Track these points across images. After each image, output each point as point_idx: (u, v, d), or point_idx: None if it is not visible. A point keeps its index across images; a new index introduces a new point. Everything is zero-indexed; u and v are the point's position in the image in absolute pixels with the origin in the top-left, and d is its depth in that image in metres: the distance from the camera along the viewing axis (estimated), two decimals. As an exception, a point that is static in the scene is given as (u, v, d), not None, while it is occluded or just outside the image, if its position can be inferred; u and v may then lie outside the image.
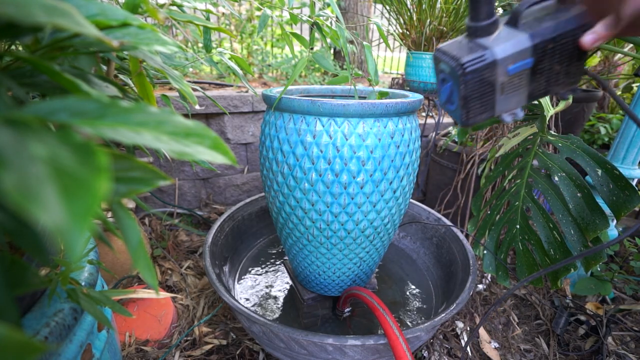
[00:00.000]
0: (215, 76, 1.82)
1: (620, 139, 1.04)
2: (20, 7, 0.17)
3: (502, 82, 0.40)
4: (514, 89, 0.41)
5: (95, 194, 0.13)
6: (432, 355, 0.94)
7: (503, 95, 0.41)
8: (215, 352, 0.92)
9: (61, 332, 0.42)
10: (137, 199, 0.30)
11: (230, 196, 1.62)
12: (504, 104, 0.42)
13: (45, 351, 0.35)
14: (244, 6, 2.13)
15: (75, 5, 0.24)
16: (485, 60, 0.38)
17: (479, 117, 0.42)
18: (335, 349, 0.68)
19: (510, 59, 0.38)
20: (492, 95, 0.40)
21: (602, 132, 1.84)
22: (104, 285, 0.63)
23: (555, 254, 0.77)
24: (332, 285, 0.89)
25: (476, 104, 0.41)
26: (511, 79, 0.40)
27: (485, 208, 0.97)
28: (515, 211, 0.86)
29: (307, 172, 0.68)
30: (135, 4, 0.38)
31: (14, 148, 0.14)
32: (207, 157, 0.20)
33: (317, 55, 0.74)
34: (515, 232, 0.85)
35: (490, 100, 0.41)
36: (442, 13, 1.43)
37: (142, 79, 0.43)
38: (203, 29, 0.68)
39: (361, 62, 2.51)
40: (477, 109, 0.41)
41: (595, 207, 0.71)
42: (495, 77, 0.39)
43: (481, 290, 1.19)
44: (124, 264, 1.06)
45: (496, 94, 0.40)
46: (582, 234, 0.73)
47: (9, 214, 0.23)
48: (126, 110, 0.19)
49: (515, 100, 0.42)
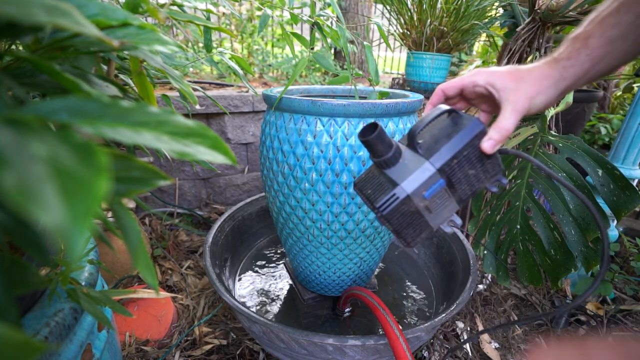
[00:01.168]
0: (216, 76, 1.82)
1: (620, 139, 1.04)
2: (20, 6, 0.17)
3: (424, 205, 0.41)
4: (440, 205, 0.42)
5: (95, 194, 0.13)
6: (432, 356, 0.94)
7: (432, 214, 0.42)
8: (216, 352, 0.92)
9: (61, 332, 0.42)
10: (137, 198, 0.30)
11: (231, 196, 1.62)
12: (436, 219, 0.43)
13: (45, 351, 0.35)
14: (245, 6, 2.13)
15: (76, 5, 0.24)
16: (399, 198, 0.40)
17: (419, 238, 0.44)
18: (336, 349, 0.68)
19: (422, 187, 0.40)
20: (420, 218, 0.42)
21: (602, 133, 1.84)
22: (104, 285, 0.63)
23: (556, 254, 0.77)
24: (333, 285, 0.89)
25: (409, 231, 0.43)
26: (432, 200, 0.41)
27: (485, 208, 0.97)
28: (515, 211, 0.86)
29: (308, 172, 0.68)
30: (135, 3, 0.38)
31: (14, 148, 0.14)
32: (208, 157, 0.20)
33: (317, 55, 0.73)
34: (515, 233, 0.85)
35: (422, 222, 0.42)
36: (442, 13, 1.43)
37: (142, 78, 0.42)
38: (203, 28, 0.68)
39: (362, 62, 2.51)
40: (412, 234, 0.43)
41: (595, 208, 0.71)
42: (415, 205, 0.40)
43: (481, 290, 1.19)
44: (124, 264, 1.06)
45: (424, 216, 0.42)
46: (583, 234, 0.73)
47: (9, 213, 0.23)
48: (126, 110, 0.19)
49: (447, 211, 0.43)
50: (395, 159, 0.41)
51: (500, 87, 0.42)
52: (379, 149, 0.41)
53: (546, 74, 0.41)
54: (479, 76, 0.44)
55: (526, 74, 0.42)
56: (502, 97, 0.42)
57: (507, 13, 1.39)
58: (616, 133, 1.82)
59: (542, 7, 1.09)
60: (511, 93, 0.41)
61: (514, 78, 0.42)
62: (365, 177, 0.45)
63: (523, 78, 0.41)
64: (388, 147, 0.41)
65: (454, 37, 1.45)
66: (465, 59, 3.07)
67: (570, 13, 1.08)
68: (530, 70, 0.42)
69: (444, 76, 1.46)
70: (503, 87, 0.42)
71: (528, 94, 0.41)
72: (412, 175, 0.39)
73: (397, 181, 0.40)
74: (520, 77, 0.42)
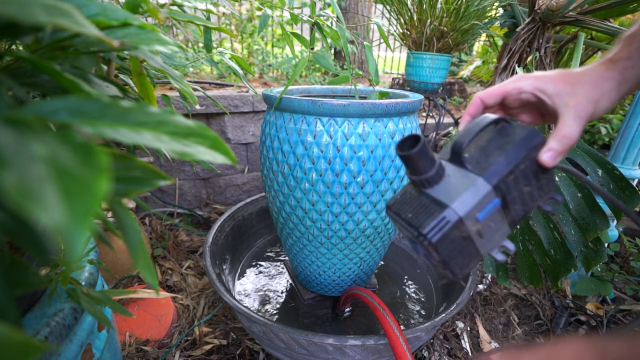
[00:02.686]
0: (216, 76, 1.82)
1: (620, 139, 1.04)
2: (21, 6, 0.17)
3: (476, 230, 0.36)
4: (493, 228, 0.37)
5: (95, 194, 0.13)
6: (432, 355, 0.94)
7: (483, 239, 0.37)
8: (216, 352, 0.92)
9: (61, 332, 0.42)
10: (137, 198, 0.30)
11: (231, 196, 1.62)
12: (487, 244, 0.38)
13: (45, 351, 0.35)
14: (245, 6, 2.13)
15: (76, 5, 0.24)
16: (449, 222, 0.34)
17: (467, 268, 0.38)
18: (336, 349, 0.68)
19: (475, 209, 0.35)
20: (471, 245, 0.37)
21: (602, 132, 1.84)
22: (104, 285, 0.63)
23: (556, 254, 0.77)
24: (333, 285, 0.89)
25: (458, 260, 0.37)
26: (485, 223, 0.36)
27: (485, 208, 0.97)
28: (515, 211, 0.85)
29: (308, 172, 0.68)
30: (135, 3, 0.38)
31: (14, 148, 0.14)
32: (208, 157, 0.20)
33: (317, 55, 0.73)
34: (515, 233, 0.85)
35: (472, 249, 0.37)
36: (442, 13, 1.43)
37: (142, 78, 0.42)
38: (204, 28, 0.68)
39: (362, 62, 2.51)
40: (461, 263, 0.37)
41: (595, 207, 0.71)
42: (467, 230, 0.35)
43: (481, 290, 1.19)
44: (124, 264, 1.06)
45: (475, 242, 0.37)
46: (583, 234, 0.73)
47: (9, 213, 0.23)
48: (127, 110, 0.19)
49: (499, 235, 0.38)
50: (439, 177, 0.36)
51: (553, 92, 0.38)
52: (420, 165, 0.35)
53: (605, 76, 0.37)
54: (524, 81, 0.40)
55: (581, 76, 0.38)
56: (557, 103, 0.38)
57: (507, 13, 1.39)
58: (616, 133, 1.82)
59: (542, 7, 1.09)
60: (570, 98, 0.37)
61: (567, 82, 0.38)
62: (401, 198, 0.39)
63: (579, 81, 0.38)
64: (431, 163, 0.35)
65: (454, 37, 1.45)
66: (465, 59, 3.07)
67: (570, 13, 1.08)
68: (584, 73, 0.38)
69: (444, 76, 1.46)
70: (557, 92, 0.38)
71: (591, 98, 0.37)
72: (464, 195, 0.34)
73: (445, 202, 0.34)
74: (576, 81, 0.38)
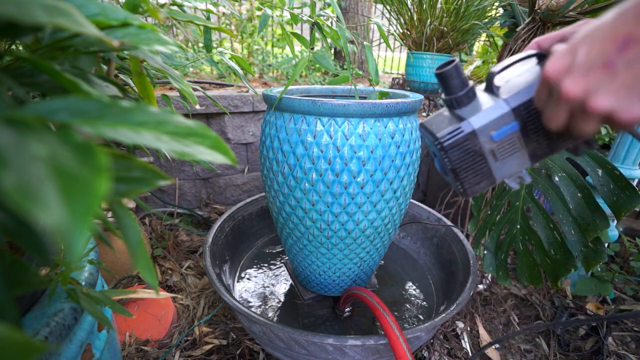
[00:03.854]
0: (216, 76, 1.82)
1: (620, 139, 1.04)
2: (20, 6, 0.17)
3: (490, 149, 0.38)
4: (509, 154, 0.38)
5: (95, 194, 0.13)
6: (432, 356, 0.94)
7: (498, 162, 0.39)
8: (216, 352, 0.92)
9: (61, 332, 0.42)
10: (137, 198, 0.30)
11: (231, 196, 1.62)
12: (502, 170, 0.39)
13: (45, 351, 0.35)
14: (245, 6, 2.13)
15: (76, 5, 0.24)
16: (463, 132, 0.37)
17: (477, 186, 0.40)
18: (336, 349, 0.68)
19: (491, 126, 0.37)
20: (484, 163, 0.39)
21: (602, 133, 1.84)
22: (104, 285, 0.63)
23: (556, 254, 0.77)
24: (333, 285, 0.89)
25: (469, 175, 0.39)
26: (500, 144, 0.38)
27: (485, 208, 0.97)
28: (515, 211, 0.86)
29: (308, 172, 0.68)
30: (135, 3, 0.38)
31: (14, 148, 0.14)
32: (208, 157, 0.20)
33: (317, 55, 0.73)
34: (515, 233, 0.85)
35: (485, 168, 0.39)
36: (442, 13, 1.43)
37: (142, 78, 0.42)
38: (204, 28, 0.68)
39: (362, 62, 2.51)
40: (471, 178, 0.40)
41: (595, 207, 0.71)
42: (480, 146, 0.38)
43: (481, 290, 1.19)
44: (124, 264, 1.06)
45: (489, 161, 0.38)
46: (583, 234, 0.73)
47: (9, 214, 0.23)
48: (126, 110, 0.19)
49: (516, 164, 0.39)
50: (468, 99, 0.38)
51: None
52: (453, 83, 0.38)
53: None
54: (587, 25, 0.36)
55: None
56: None
57: (507, 13, 1.39)
58: (616, 133, 1.82)
59: (542, 7, 1.09)
60: None
61: None
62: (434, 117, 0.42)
63: None
64: (463, 84, 0.38)
65: (454, 37, 1.46)
66: (465, 59, 3.07)
67: (570, 13, 1.08)
68: None
69: (444, 76, 1.46)
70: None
71: None
72: (482, 112, 0.36)
73: (465, 116, 0.37)
74: None
